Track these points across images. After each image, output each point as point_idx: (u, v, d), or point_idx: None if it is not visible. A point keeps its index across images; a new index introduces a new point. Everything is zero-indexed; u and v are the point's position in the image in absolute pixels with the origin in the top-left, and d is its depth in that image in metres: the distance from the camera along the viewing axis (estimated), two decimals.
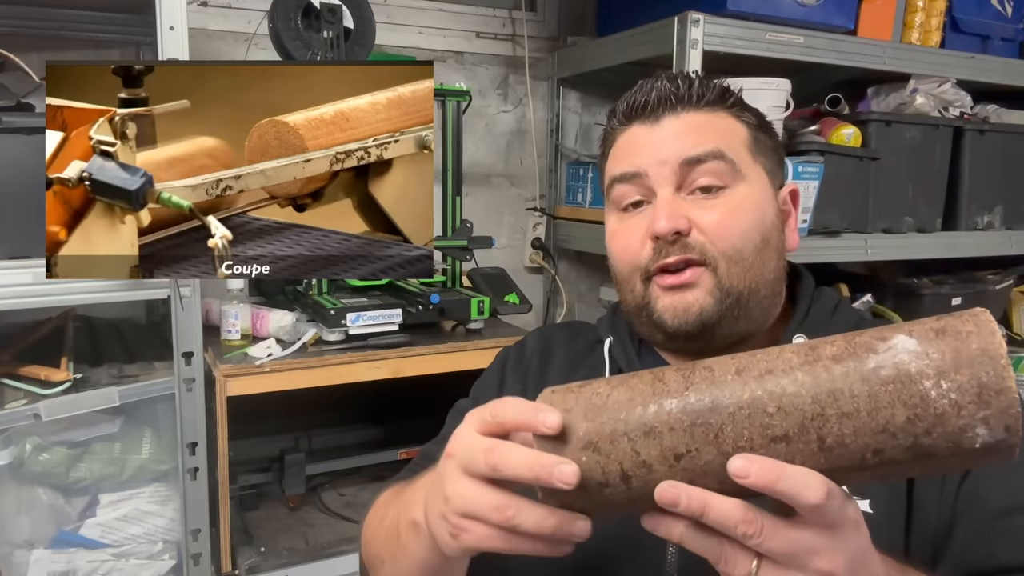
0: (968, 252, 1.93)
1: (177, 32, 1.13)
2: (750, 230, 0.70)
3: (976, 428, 0.40)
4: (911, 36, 1.79)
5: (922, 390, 0.41)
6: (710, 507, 0.44)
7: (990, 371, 0.40)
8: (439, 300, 1.47)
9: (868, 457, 0.42)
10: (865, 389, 0.42)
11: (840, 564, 0.44)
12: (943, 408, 0.41)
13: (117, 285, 1.13)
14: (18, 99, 1.15)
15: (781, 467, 0.42)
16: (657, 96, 0.73)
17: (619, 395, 0.47)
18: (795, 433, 0.43)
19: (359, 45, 1.39)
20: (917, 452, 0.42)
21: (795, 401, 0.43)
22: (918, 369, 0.41)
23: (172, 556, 1.31)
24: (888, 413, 0.41)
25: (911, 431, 0.41)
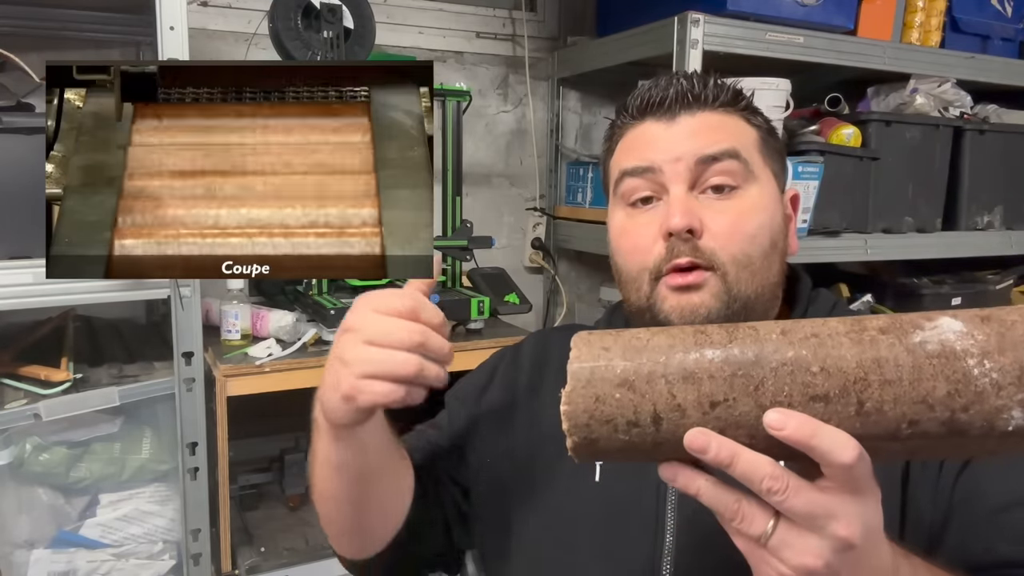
0: (968, 252, 1.93)
1: (177, 32, 1.13)
2: (759, 233, 0.70)
3: (1013, 410, 0.42)
4: (911, 36, 1.79)
5: (965, 367, 0.42)
6: (739, 457, 0.44)
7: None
8: (439, 300, 1.47)
9: (903, 427, 0.43)
10: (910, 360, 0.43)
11: (857, 531, 0.44)
12: (983, 386, 0.42)
13: (117, 285, 1.13)
14: (18, 99, 1.15)
15: (817, 424, 0.43)
16: (674, 93, 0.72)
17: (660, 340, 0.47)
18: (836, 394, 0.43)
19: (359, 45, 1.39)
20: (952, 427, 0.42)
21: (839, 363, 0.44)
22: (963, 347, 0.43)
23: (172, 556, 1.31)
24: (930, 385, 0.42)
25: (949, 405, 0.42)
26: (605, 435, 0.46)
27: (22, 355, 1.29)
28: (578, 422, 0.47)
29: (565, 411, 0.47)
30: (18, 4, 1.41)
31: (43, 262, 0.93)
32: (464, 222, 1.60)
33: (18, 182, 1.09)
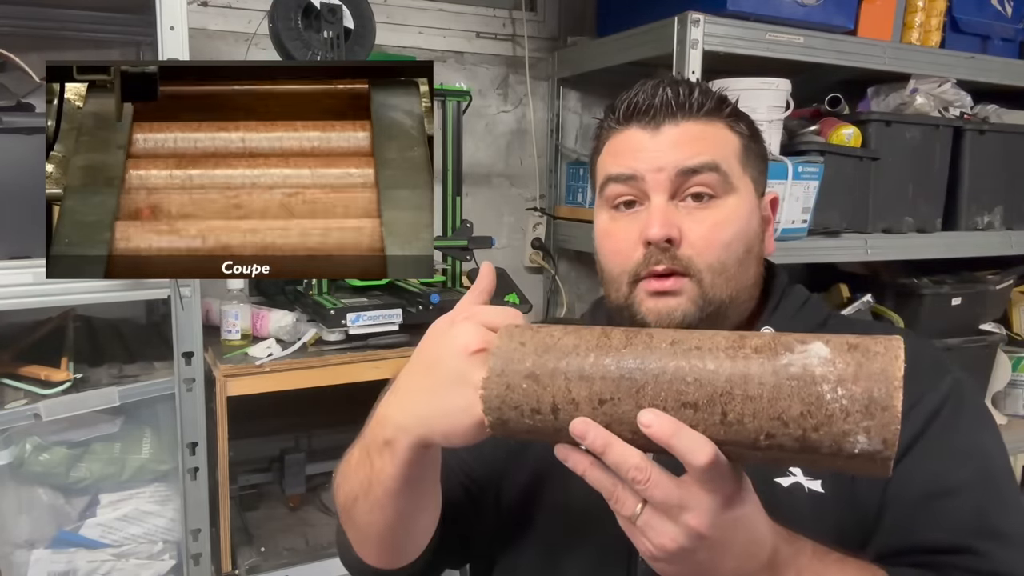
0: (968, 252, 1.93)
1: (177, 32, 1.13)
2: (734, 242, 0.74)
3: (858, 435, 0.46)
4: (911, 36, 1.79)
5: (819, 391, 0.47)
6: (611, 448, 0.50)
7: (882, 389, 0.46)
8: (439, 300, 1.47)
9: (761, 439, 0.48)
10: (772, 380, 0.48)
11: (706, 524, 0.50)
12: (833, 411, 0.46)
13: (117, 285, 1.13)
14: (18, 99, 1.15)
15: (680, 426, 0.49)
16: (659, 102, 0.75)
17: (568, 341, 0.54)
18: (704, 403, 0.49)
19: (359, 45, 1.39)
20: (804, 444, 0.47)
21: (711, 377, 0.49)
22: (822, 374, 0.47)
23: (172, 556, 1.31)
24: (786, 404, 0.47)
25: (801, 424, 0.47)
26: (514, 418, 0.54)
27: (22, 355, 1.29)
28: (491, 405, 0.54)
29: (481, 395, 0.54)
30: (18, 4, 1.41)
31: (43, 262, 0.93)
32: (464, 222, 1.60)
33: (18, 182, 1.09)
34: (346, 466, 0.72)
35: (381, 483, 0.64)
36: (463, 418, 0.56)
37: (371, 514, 0.67)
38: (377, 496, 0.65)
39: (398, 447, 0.61)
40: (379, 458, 0.63)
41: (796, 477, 0.70)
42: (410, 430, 0.60)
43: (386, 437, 0.62)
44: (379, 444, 0.63)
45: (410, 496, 0.65)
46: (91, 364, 1.32)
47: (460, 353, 0.57)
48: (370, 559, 0.74)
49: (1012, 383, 2.09)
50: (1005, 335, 2.04)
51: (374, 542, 0.71)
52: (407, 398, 0.61)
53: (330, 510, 1.55)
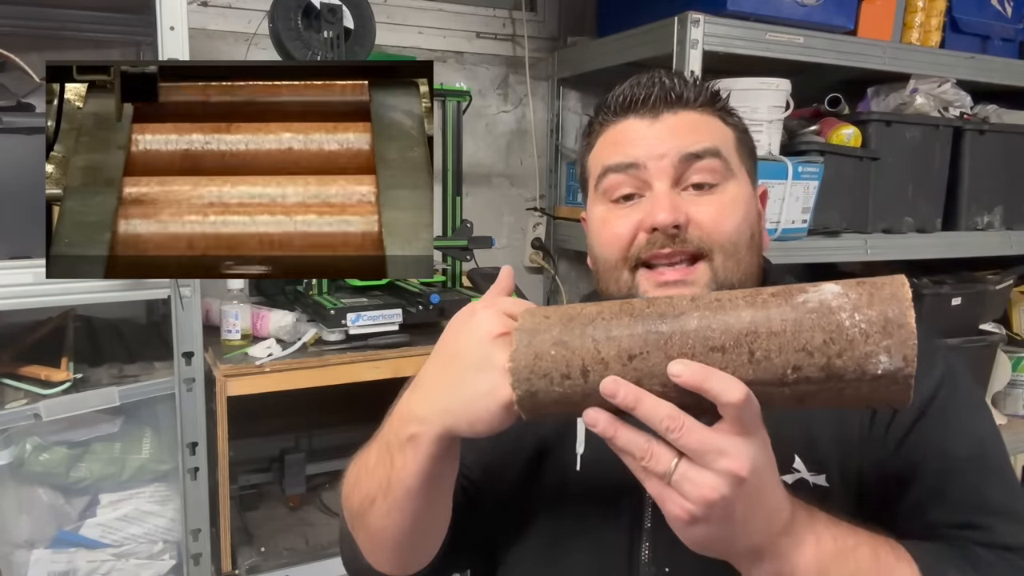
0: (968, 252, 1.93)
1: (177, 32, 1.13)
2: (742, 225, 0.72)
3: (880, 355, 0.48)
4: (911, 36, 1.78)
5: (839, 319, 0.49)
6: (641, 401, 0.51)
7: (896, 309, 0.49)
8: (439, 300, 1.47)
9: (788, 373, 0.50)
10: (793, 315, 0.50)
11: (746, 466, 0.50)
12: (854, 335, 0.49)
13: (117, 285, 1.13)
14: (18, 99, 1.15)
15: (709, 370, 0.50)
16: (658, 92, 0.74)
17: (591, 309, 0.56)
18: (731, 345, 0.51)
19: (359, 45, 1.39)
20: (830, 372, 0.49)
21: (735, 321, 0.51)
22: (838, 304, 0.50)
23: (172, 556, 1.31)
24: (809, 335, 0.50)
25: (825, 352, 0.49)
26: (543, 388, 0.54)
27: (22, 355, 1.29)
28: (520, 376, 0.54)
29: (510, 367, 0.55)
30: (18, 4, 1.41)
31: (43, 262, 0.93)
32: (464, 222, 1.60)
33: (18, 182, 1.09)
34: (359, 470, 0.71)
35: (402, 481, 0.63)
36: (489, 402, 0.56)
37: (388, 516, 0.66)
38: (396, 496, 0.64)
39: (422, 441, 0.60)
40: (401, 455, 0.62)
41: (800, 473, 0.70)
42: (434, 422, 0.59)
43: (409, 432, 0.61)
44: (401, 441, 0.62)
45: (429, 495, 0.65)
46: (91, 364, 1.32)
47: (483, 338, 0.57)
48: (382, 566, 0.72)
49: (1012, 383, 2.09)
50: (1005, 335, 2.04)
51: (388, 546, 0.70)
52: (430, 391, 0.61)
53: (330, 510, 1.55)
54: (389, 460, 0.64)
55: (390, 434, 0.64)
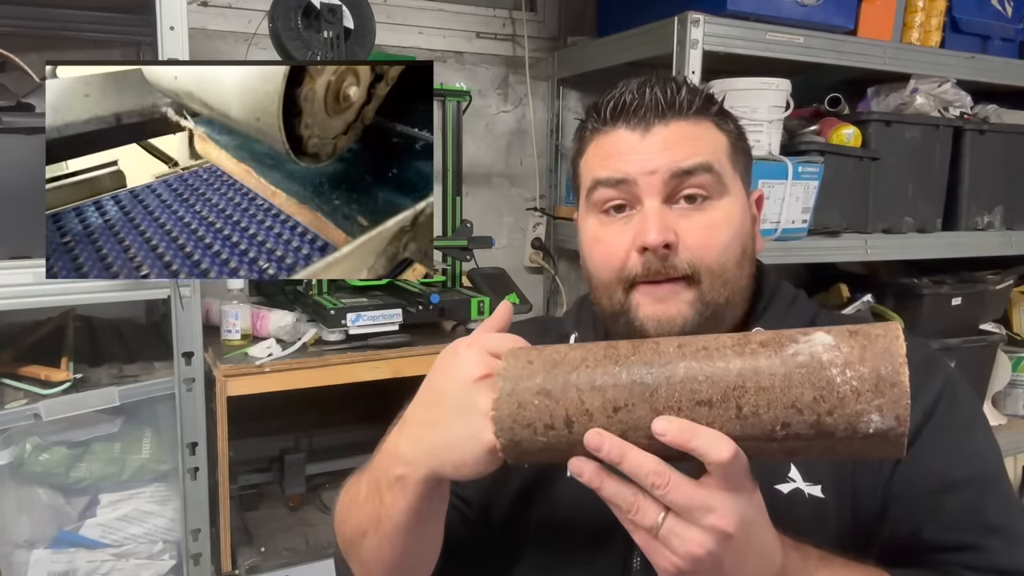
0: (968, 252, 1.93)
1: (177, 32, 1.13)
2: (732, 243, 0.72)
3: (871, 414, 0.47)
4: (911, 36, 1.78)
5: (829, 376, 0.48)
6: (626, 456, 0.50)
7: (888, 367, 0.47)
8: (439, 300, 1.47)
9: (777, 429, 0.49)
10: (782, 370, 0.49)
11: (733, 523, 0.49)
12: (845, 392, 0.47)
13: (117, 285, 1.13)
14: (18, 99, 1.15)
15: (696, 427, 0.49)
16: (647, 101, 0.72)
17: (575, 354, 0.55)
18: (718, 400, 0.49)
19: (359, 45, 1.39)
20: (819, 429, 0.48)
21: (722, 373, 0.50)
22: (829, 359, 0.48)
23: (172, 556, 1.31)
24: (798, 391, 0.48)
25: (816, 409, 0.48)
26: (527, 437, 0.53)
27: (22, 355, 1.29)
28: (503, 426, 0.53)
29: (492, 417, 0.54)
30: (18, 4, 1.41)
31: (43, 262, 0.93)
32: (464, 222, 1.60)
33: (18, 182, 1.09)
34: (350, 499, 0.70)
35: (391, 518, 0.63)
36: (473, 446, 0.55)
37: (379, 550, 0.66)
38: (387, 531, 0.64)
39: (408, 482, 0.60)
40: (389, 493, 0.62)
41: (796, 483, 0.70)
42: (420, 464, 0.59)
43: (397, 473, 0.61)
44: (390, 480, 0.62)
45: (420, 531, 0.64)
46: (91, 364, 1.32)
47: (465, 381, 0.57)
48: None
49: (1012, 383, 2.09)
50: (1005, 335, 2.04)
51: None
52: (416, 431, 0.60)
53: (330, 510, 1.55)
54: (379, 497, 0.64)
55: (379, 471, 0.64)
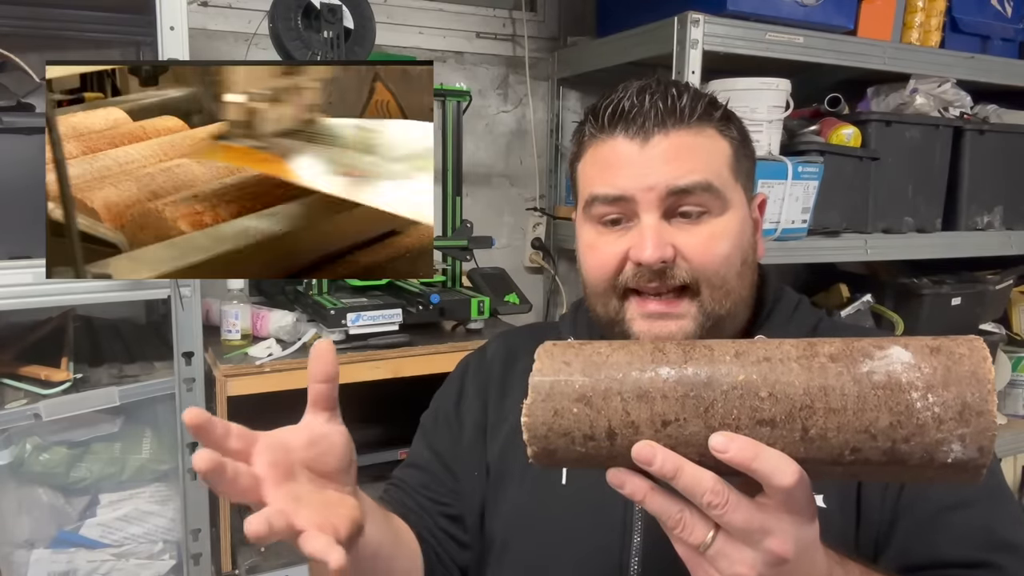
0: (968, 252, 1.92)
1: (177, 32, 1.13)
2: (732, 255, 0.71)
3: (952, 443, 0.43)
4: (911, 36, 1.78)
5: (909, 400, 0.43)
6: (682, 471, 0.46)
7: (976, 393, 0.43)
8: (439, 300, 1.47)
9: (846, 454, 0.44)
10: (856, 390, 0.44)
11: (791, 549, 0.46)
12: (925, 419, 0.43)
13: (117, 285, 1.13)
14: (18, 99, 1.15)
15: (759, 447, 0.45)
16: (647, 110, 0.70)
17: (618, 357, 0.49)
18: (782, 420, 0.45)
19: (359, 45, 1.39)
20: (892, 456, 0.44)
21: (787, 390, 0.45)
22: (908, 380, 0.44)
23: (172, 556, 1.31)
24: (873, 416, 0.44)
25: (891, 435, 0.43)
26: (563, 446, 0.49)
27: (22, 355, 1.29)
28: (537, 433, 0.49)
29: (525, 423, 0.49)
30: (18, 4, 1.41)
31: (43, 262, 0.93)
32: (464, 222, 1.60)
33: (18, 182, 1.09)
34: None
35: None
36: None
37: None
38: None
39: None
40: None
41: None
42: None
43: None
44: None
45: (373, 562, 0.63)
46: (91, 364, 1.32)
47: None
48: None
49: (1012, 383, 2.09)
50: (1005, 335, 2.04)
51: None
52: None
53: None
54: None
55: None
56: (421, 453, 0.86)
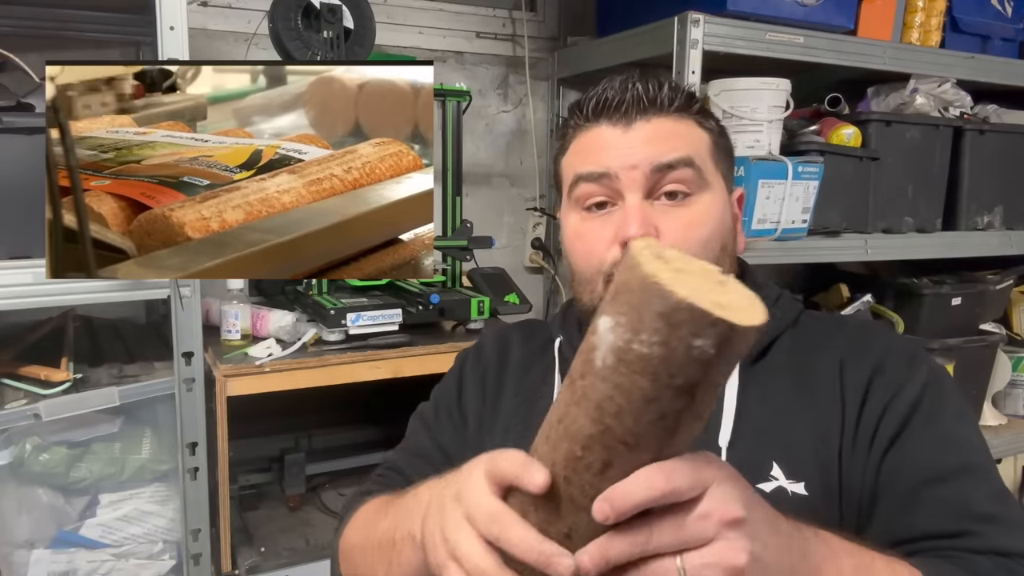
0: (968, 252, 1.92)
1: (177, 32, 1.13)
2: (712, 239, 0.72)
3: (694, 342, 0.40)
4: (911, 36, 1.79)
5: (639, 353, 0.42)
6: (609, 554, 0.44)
7: (656, 300, 0.40)
8: (439, 300, 1.47)
9: (658, 424, 0.43)
10: (608, 386, 0.43)
11: (738, 509, 0.45)
12: (657, 353, 0.41)
13: (117, 285, 1.13)
14: (18, 99, 1.15)
15: (621, 493, 0.44)
16: (630, 98, 0.73)
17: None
18: (607, 455, 0.44)
19: (359, 45, 1.39)
20: (683, 391, 0.42)
21: (583, 432, 0.45)
22: (624, 341, 0.42)
23: (172, 556, 1.31)
24: (636, 389, 0.42)
25: (662, 385, 0.42)
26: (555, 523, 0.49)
27: (22, 355, 1.29)
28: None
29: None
30: (18, 4, 1.41)
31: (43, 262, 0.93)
32: (464, 222, 1.60)
33: (18, 182, 1.09)
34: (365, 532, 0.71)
35: (402, 567, 0.62)
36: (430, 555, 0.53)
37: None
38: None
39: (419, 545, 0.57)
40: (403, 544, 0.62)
41: (778, 481, 0.69)
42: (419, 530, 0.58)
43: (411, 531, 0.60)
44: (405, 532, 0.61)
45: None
46: (91, 364, 1.32)
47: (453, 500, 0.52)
48: None
49: (1012, 383, 2.09)
50: (1005, 335, 2.04)
51: None
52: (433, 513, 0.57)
53: (330, 510, 1.55)
54: (392, 543, 0.63)
55: (399, 517, 0.64)
56: (424, 444, 0.86)
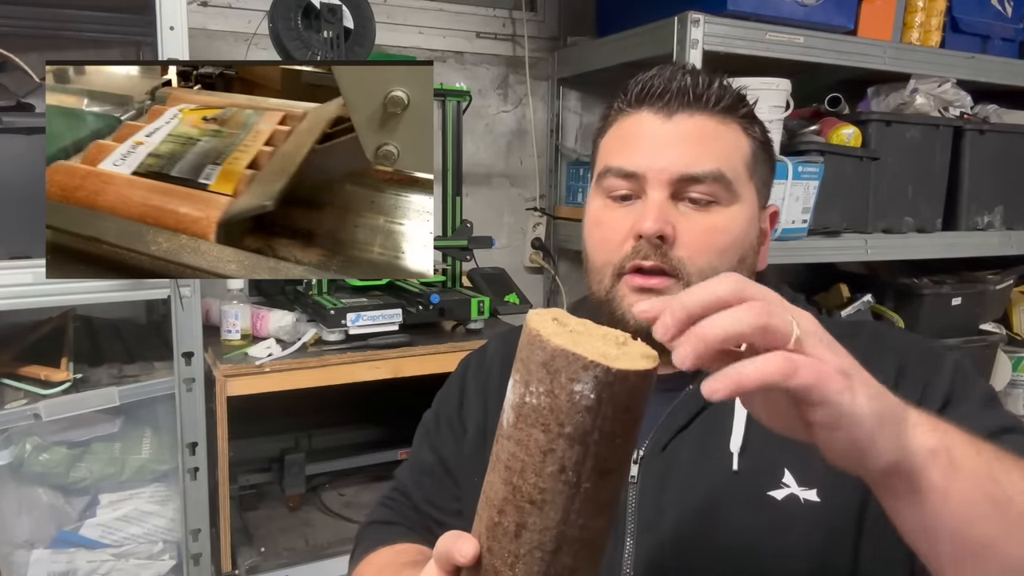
0: (968, 252, 1.93)
1: (177, 32, 1.13)
2: (729, 250, 0.71)
3: (574, 387, 0.42)
4: (911, 36, 1.79)
5: (530, 404, 0.43)
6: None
7: (538, 351, 0.43)
8: (439, 300, 1.47)
9: (559, 479, 0.43)
10: (511, 443, 0.45)
11: (781, 313, 0.44)
12: (544, 403, 0.43)
13: (117, 285, 1.13)
14: (18, 99, 1.15)
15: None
16: (676, 88, 0.71)
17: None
18: (519, 516, 0.45)
19: (359, 45, 1.39)
20: (575, 440, 0.43)
21: (498, 495, 0.46)
22: (519, 396, 0.44)
23: (172, 556, 1.31)
24: (533, 442, 0.43)
25: (554, 435, 0.43)
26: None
27: (22, 355, 1.29)
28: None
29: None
30: (18, 4, 1.41)
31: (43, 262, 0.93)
32: (464, 222, 1.60)
33: (18, 182, 1.09)
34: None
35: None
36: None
37: None
38: None
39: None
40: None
41: (790, 488, 0.68)
42: None
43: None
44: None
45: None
46: (91, 364, 1.32)
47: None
48: None
49: (1012, 383, 2.09)
50: (1005, 335, 2.04)
51: None
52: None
53: (330, 510, 1.55)
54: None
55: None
56: (425, 455, 0.86)
